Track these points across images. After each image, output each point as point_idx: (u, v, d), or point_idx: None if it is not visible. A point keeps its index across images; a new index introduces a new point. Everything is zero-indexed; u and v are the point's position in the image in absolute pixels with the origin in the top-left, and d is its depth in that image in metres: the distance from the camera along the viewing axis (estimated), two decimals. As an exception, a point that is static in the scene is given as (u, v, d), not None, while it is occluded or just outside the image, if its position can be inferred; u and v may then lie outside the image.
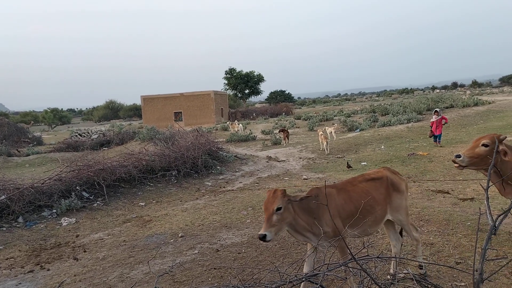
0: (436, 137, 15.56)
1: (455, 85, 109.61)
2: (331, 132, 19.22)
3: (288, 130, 22.60)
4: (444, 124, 15.82)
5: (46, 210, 9.17)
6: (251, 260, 5.76)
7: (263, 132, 27.60)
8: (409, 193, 8.78)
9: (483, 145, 4.59)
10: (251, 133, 24.69)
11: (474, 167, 4.73)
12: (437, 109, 16.41)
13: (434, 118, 15.61)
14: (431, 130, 15.85)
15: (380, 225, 4.56)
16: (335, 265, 3.16)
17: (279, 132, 22.70)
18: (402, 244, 4.89)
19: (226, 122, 35.81)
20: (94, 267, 6.09)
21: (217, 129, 32.54)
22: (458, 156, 4.72)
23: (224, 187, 11.53)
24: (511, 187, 4.59)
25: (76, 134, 31.38)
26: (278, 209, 3.79)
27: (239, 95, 72.11)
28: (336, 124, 23.60)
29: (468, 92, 60.91)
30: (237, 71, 70.24)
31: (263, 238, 3.68)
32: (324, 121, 31.10)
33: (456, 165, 4.82)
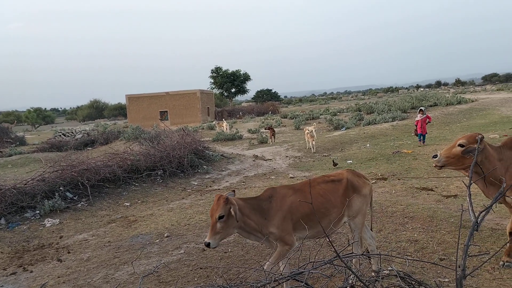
0: (421, 136, 15.49)
1: (439, 84, 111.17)
2: (311, 131, 19.00)
3: (274, 129, 22.61)
4: (427, 123, 15.83)
5: (29, 211, 9.03)
6: (237, 259, 5.75)
7: (249, 131, 27.58)
8: (394, 191, 8.89)
9: (459, 145, 4.63)
10: (238, 132, 24.66)
11: (452, 167, 4.75)
12: (422, 108, 16.28)
13: (419, 116, 15.53)
14: (415, 130, 15.73)
15: (338, 226, 4.51)
16: (320, 263, 3.16)
17: (265, 129, 22.66)
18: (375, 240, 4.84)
19: (212, 121, 35.67)
20: (78, 269, 6.01)
21: (203, 128, 32.42)
22: (435, 156, 4.77)
23: (210, 186, 11.49)
24: (494, 187, 4.63)
25: (60, 134, 30.98)
26: (221, 217, 3.79)
27: (226, 94, 71.93)
28: (315, 123, 23.70)
29: (451, 90, 61.75)
30: (223, 69, 70.05)
31: (207, 245, 3.75)
32: (310, 119, 31.20)
33: (433, 165, 4.87)
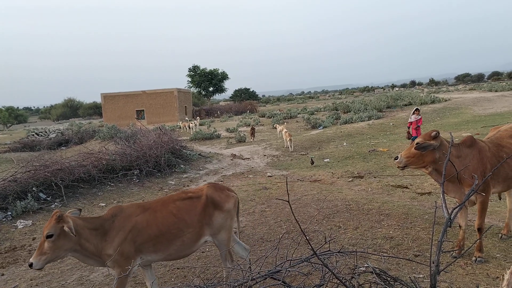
0: (414, 139, 13.68)
1: (413, 84, 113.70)
2: (281, 130, 18.69)
3: (255, 127, 22.73)
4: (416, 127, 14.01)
5: (0, 212, 8.78)
6: (215, 259, 5.72)
7: (227, 130, 27.52)
8: (370, 189, 9.00)
9: (416, 144, 4.74)
10: (216, 131, 24.56)
11: (414, 165, 4.84)
12: (418, 108, 14.33)
13: (413, 118, 13.87)
14: (408, 132, 13.95)
15: (195, 247, 4.20)
16: (298, 261, 3.17)
17: (250, 127, 22.99)
18: (246, 254, 4.63)
19: (191, 121, 35.41)
20: (51, 271, 5.87)
21: (180, 127, 32.17)
22: (396, 158, 4.86)
23: (188, 185, 11.40)
24: (452, 184, 4.73)
25: (33, 133, 30.27)
26: (49, 236, 3.48)
27: (203, 92, 71.55)
28: (285, 123, 24.32)
29: (425, 90, 63.04)
30: (201, 68, 69.66)
31: (30, 266, 3.45)
32: (288, 118, 31.32)
33: (396, 166, 4.97)
